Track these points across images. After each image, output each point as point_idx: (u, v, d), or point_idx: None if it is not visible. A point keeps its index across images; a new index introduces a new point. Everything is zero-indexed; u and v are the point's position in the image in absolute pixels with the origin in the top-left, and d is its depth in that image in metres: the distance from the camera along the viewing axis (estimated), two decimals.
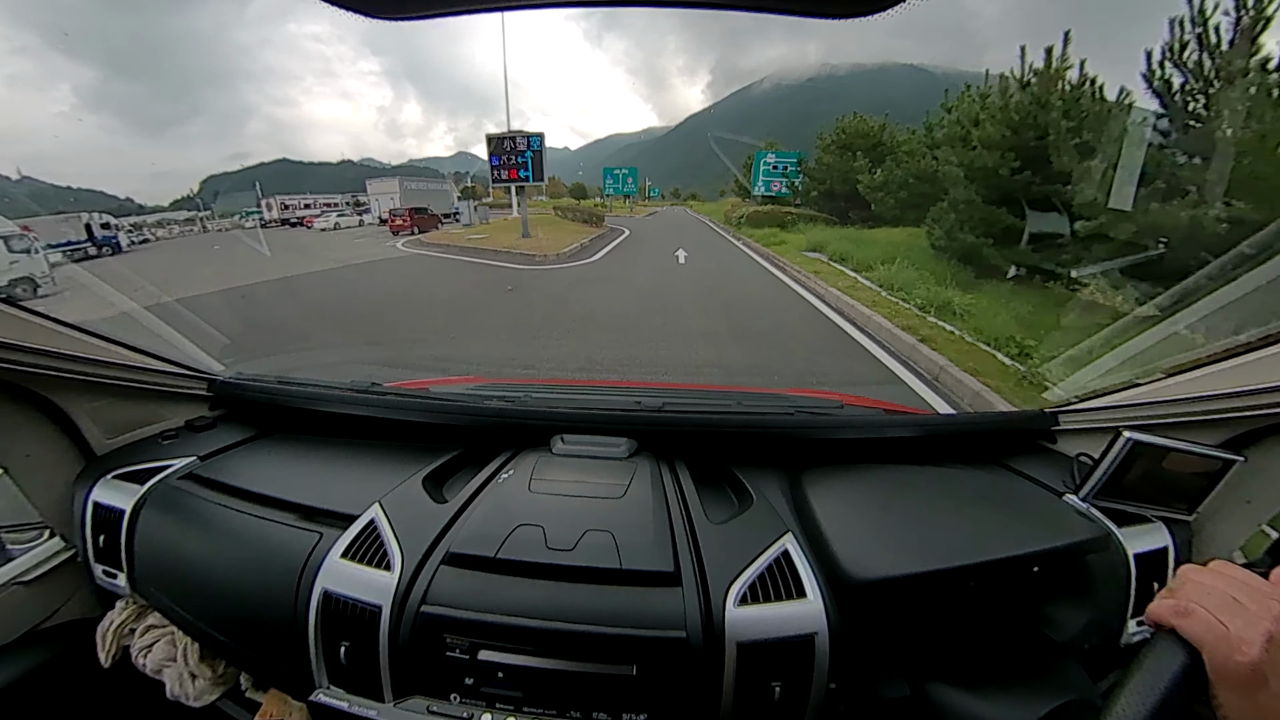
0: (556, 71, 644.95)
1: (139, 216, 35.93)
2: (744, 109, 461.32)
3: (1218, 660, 0.44)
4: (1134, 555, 0.90)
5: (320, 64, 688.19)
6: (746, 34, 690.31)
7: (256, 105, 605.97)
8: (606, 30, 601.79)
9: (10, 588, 1.01)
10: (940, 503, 0.98)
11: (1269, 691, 0.42)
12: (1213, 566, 0.51)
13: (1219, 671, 0.44)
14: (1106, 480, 0.93)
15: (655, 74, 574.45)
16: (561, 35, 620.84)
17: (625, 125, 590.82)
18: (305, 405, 1.29)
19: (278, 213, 39.75)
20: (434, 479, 1.06)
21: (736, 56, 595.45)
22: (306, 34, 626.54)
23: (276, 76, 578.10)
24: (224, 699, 1.04)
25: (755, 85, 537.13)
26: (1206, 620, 0.46)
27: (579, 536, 0.83)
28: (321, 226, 29.07)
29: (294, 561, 0.86)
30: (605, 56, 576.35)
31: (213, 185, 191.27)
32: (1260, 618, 0.44)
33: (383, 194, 35.33)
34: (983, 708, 0.74)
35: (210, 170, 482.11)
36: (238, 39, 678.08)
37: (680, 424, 1.19)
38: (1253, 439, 0.90)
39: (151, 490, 1.05)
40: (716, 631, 0.74)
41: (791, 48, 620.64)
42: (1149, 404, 1.01)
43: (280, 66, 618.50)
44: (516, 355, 5.17)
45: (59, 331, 1.03)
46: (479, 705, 0.75)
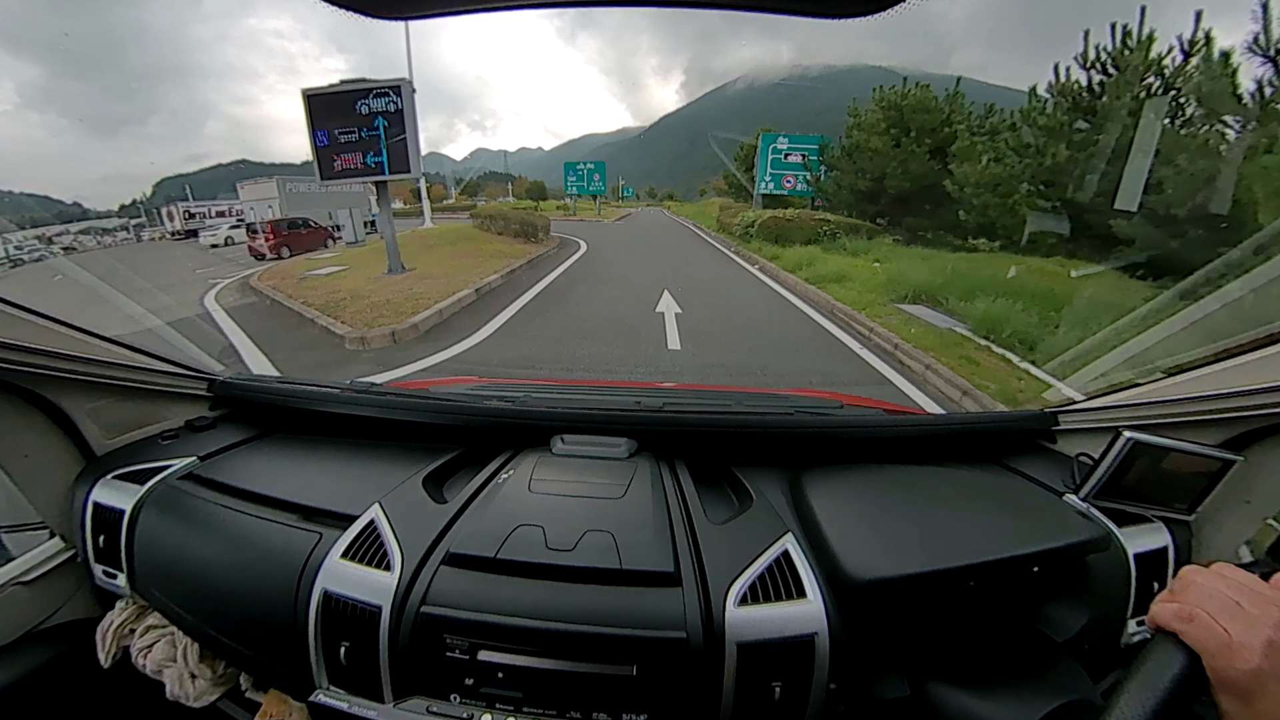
0: (529, 70, 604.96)
1: (63, 225, 32.49)
2: (718, 109, 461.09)
3: (1218, 666, 0.44)
4: (1134, 555, 0.91)
5: (283, 61, 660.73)
6: (720, 34, 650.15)
7: (216, 104, 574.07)
8: (580, 28, 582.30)
9: (10, 588, 1.01)
10: (940, 503, 0.98)
11: (1269, 696, 0.42)
12: (1214, 569, 0.51)
13: (1219, 677, 0.44)
14: (1106, 480, 0.93)
15: (629, 73, 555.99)
16: (534, 33, 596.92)
17: (600, 125, 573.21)
18: (305, 405, 1.29)
19: (180, 223, 32.38)
20: (434, 479, 1.06)
21: (710, 57, 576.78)
22: (268, 29, 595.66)
23: (237, 74, 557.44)
24: (224, 699, 1.04)
25: (729, 85, 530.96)
26: (1209, 625, 0.46)
27: (579, 537, 0.83)
28: (211, 241, 22.53)
29: (294, 562, 0.86)
30: (579, 55, 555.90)
31: (166, 188, 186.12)
32: (1261, 623, 0.45)
33: (259, 200, 25.01)
34: (983, 707, 0.74)
35: (169, 172, 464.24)
36: (194, 34, 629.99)
37: (680, 424, 1.19)
38: (1253, 439, 0.90)
39: (151, 490, 1.05)
40: (716, 632, 0.74)
41: (764, 48, 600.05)
42: (1149, 404, 1.01)
43: (241, 63, 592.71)
44: None
45: (59, 331, 1.03)
46: (479, 705, 0.75)
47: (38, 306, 0.99)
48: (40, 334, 0.99)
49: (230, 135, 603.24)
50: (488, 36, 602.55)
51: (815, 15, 0.54)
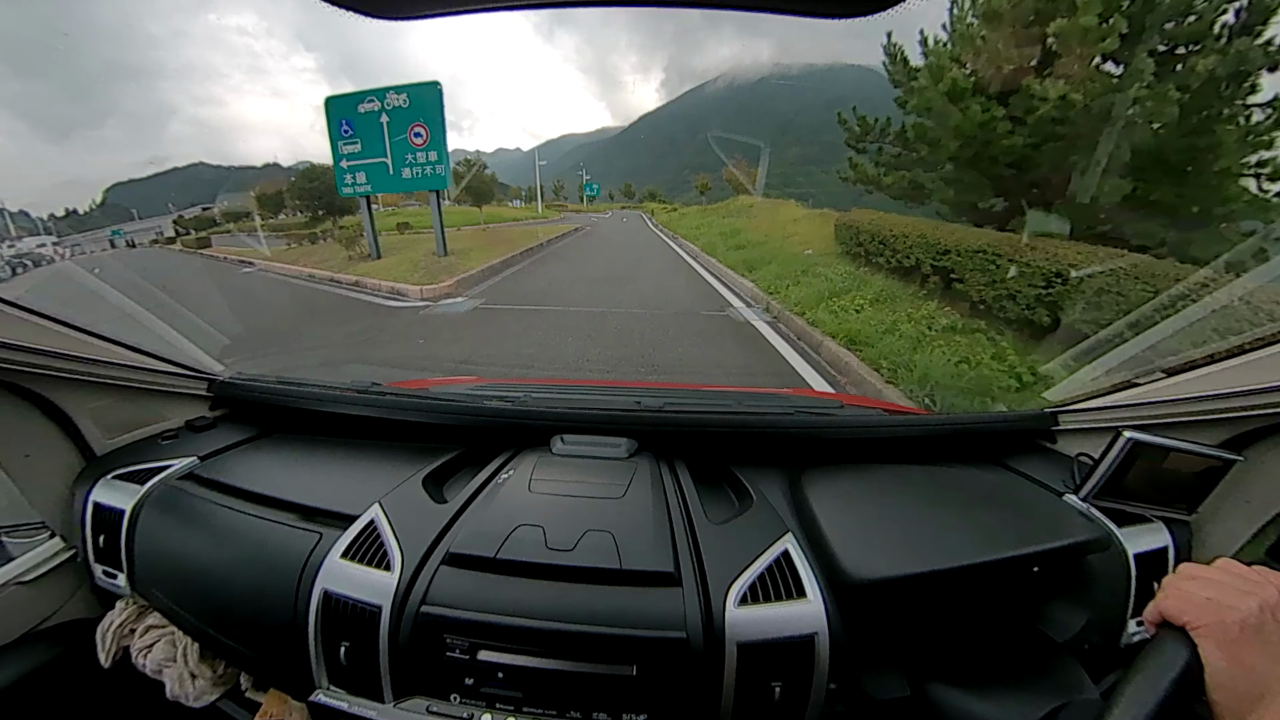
0: (506, 68, 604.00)
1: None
2: (698, 108, 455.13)
3: (1203, 624, 0.45)
4: (1134, 555, 0.91)
5: (248, 59, 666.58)
6: (699, 31, 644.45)
7: (179, 105, 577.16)
8: (558, 24, 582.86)
9: (10, 588, 1.01)
10: (940, 503, 0.98)
11: (1257, 649, 0.43)
12: (1216, 564, 0.51)
13: (1206, 636, 0.44)
14: (1106, 480, 0.93)
15: (608, 71, 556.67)
16: (511, 29, 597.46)
17: (578, 125, 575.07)
18: (305, 405, 1.29)
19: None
20: (434, 479, 1.06)
21: (690, 55, 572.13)
22: (229, 26, 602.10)
23: (199, 73, 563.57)
24: (224, 699, 1.04)
25: (709, 84, 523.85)
26: (1188, 595, 0.47)
27: (579, 537, 0.83)
28: None
29: (294, 561, 0.86)
30: (556, 52, 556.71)
31: (118, 194, 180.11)
32: (1249, 593, 0.45)
33: None
34: (983, 708, 0.74)
35: (126, 177, 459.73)
36: (147, 30, 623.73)
37: (680, 424, 1.19)
38: (1253, 439, 0.90)
39: (151, 490, 1.05)
40: (717, 632, 0.74)
41: (744, 46, 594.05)
42: (1149, 404, 1.01)
43: (202, 62, 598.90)
44: None
45: (59, 331, 1.03)
46: (479, 705, 0.75)
47: None
48: (40, 334, 0.99)
49: (195, 138, 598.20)
50: (463, 33, 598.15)
51: (815, 15, 0.54)
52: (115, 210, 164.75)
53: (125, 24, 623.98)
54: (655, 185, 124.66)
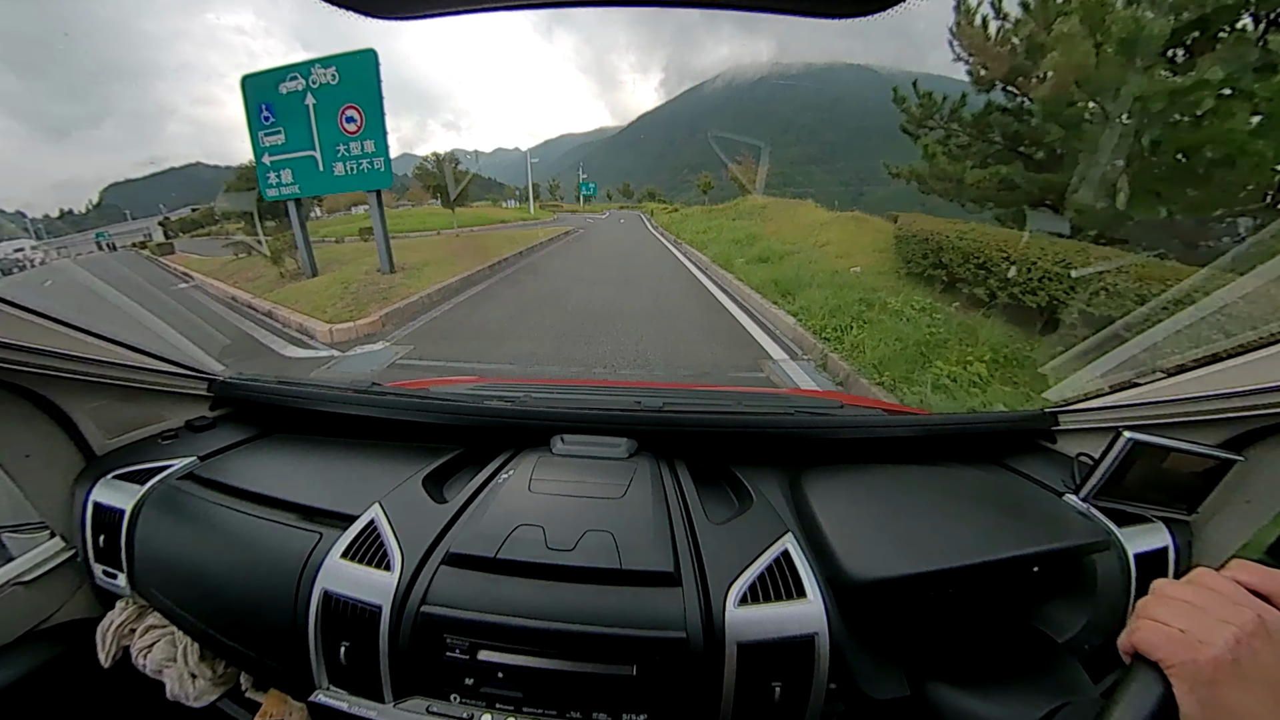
0: (504, 67, 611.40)
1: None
2: (697, 107, 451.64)
3: (1175, 662, 0.42)
4: (1134, 555, 0.90)
5: (246, 59, 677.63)
6: (698, 31, 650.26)
7: (177, 104, 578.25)
8: (557, 23, 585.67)
9: (10, 588, 1.01)
10: (940, 503, 0.98)
11: (1234, 687, 0.40)
12: (1188, 577, 0.48)
13: (1179, 676, 0.42)
14: (1106, 480, 0.93)
15: (606, 71, 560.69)
16: (509, 29, 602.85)
17: (577, 125, 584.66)
18: (305, 405, 1.29)
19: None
20: (434, 479, 1.06)
21: (689, 54, 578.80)
22: (227, 26, 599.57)
23: (197, 73, 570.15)
24: (224, 699, 1.04)
25: (708, 83, 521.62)
26: (1155, 628, 0.44)
27: (579, 536, 0.83)
28: None
29: (294, 562, 0.86)
30: (555, 51, 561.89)
31: (115, 194, 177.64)
32: (1225, 620, 0.43)
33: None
34: (982, 708, 0.74)
35: (124, 177, 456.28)
36: (146, 30, 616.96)
37: (680, 424, 1.19)
38: (1253, 439, 0.90)
39: (151, 490, 1.05)
40: (717, 632, 0.74)
41: (744, 46, 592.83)
42: (1149, 404, 1.01)
43: (200, 61, 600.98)
44: None
45: (59, 331, 1.03)
46: (479, 705, 0.75)
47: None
48: (40, 334, 0.99)
49: (194, 137, 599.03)
50: (461, 32, 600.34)
51: (815, 15, 0.54)
52: (111, 211, 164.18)
53: (123, 23, 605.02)
54: (654, 185, 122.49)
